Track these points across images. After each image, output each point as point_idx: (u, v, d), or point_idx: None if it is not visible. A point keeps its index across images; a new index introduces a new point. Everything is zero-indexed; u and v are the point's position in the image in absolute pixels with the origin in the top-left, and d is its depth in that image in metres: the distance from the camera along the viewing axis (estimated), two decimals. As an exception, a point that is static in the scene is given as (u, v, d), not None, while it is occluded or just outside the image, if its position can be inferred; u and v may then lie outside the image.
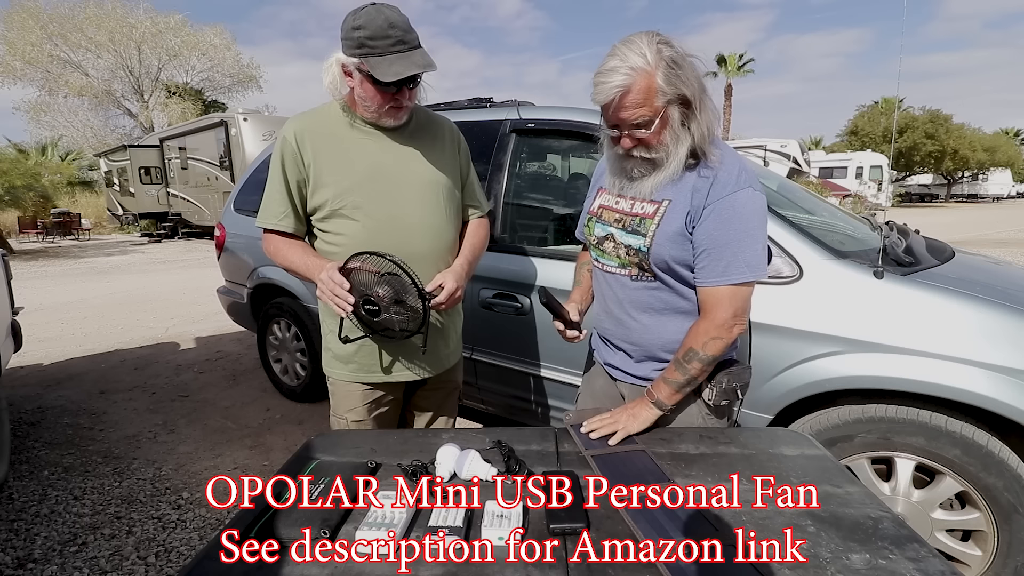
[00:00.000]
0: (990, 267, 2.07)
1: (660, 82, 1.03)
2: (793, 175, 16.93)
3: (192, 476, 2.47)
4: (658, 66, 1.02)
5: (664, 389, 1.15)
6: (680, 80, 1.04)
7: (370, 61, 1.22)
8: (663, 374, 1.17)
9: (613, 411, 1.19)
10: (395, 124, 1.36)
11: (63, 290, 7.49)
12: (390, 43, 1.21)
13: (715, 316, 1.11)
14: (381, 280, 1.27)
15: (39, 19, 18.80)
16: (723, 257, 1.09)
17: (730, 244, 1.08)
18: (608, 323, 1.30)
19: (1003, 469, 1.41)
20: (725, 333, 1.11)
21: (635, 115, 1.05)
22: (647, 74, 1.02)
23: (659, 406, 1.15)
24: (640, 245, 1.15)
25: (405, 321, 1.32)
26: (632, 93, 1.03)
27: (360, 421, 1.50)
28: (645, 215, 1.16)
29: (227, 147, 12.16)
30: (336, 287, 1.26)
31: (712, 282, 1.10)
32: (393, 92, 1.28)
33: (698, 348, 1.12)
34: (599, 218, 1.26)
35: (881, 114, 32.78)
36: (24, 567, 1.87)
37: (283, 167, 1.37)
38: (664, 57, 1.02)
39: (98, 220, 18.37)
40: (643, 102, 1.04)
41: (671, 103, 1.06)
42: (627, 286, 1.22)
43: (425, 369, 1.51)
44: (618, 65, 1.02)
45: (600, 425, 1.14)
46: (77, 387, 3.64)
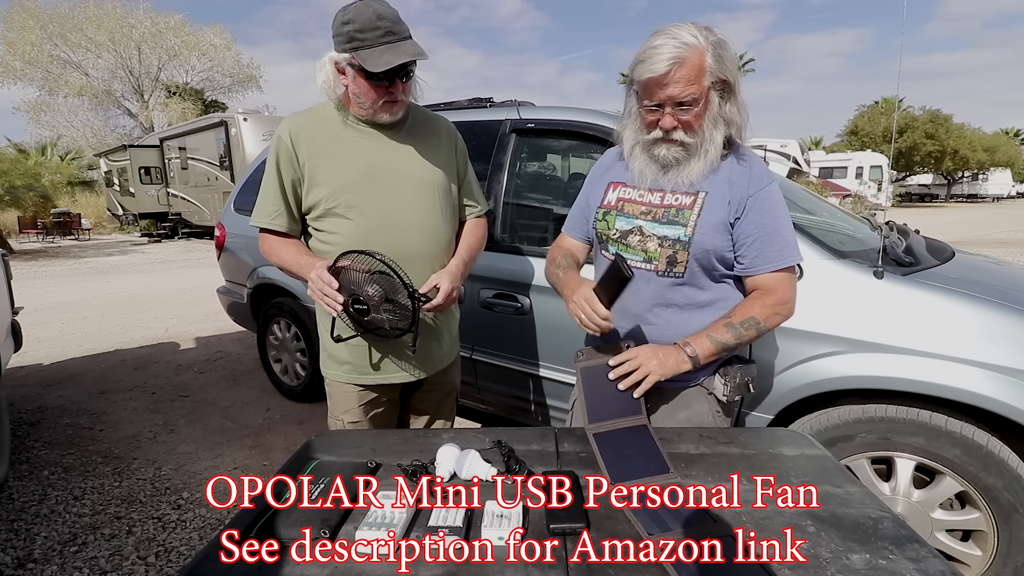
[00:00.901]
0: (990, 267, 2.07)
1: (710, 61, 1.05)
2: (793, 175, 16.95)
3: (192, 476, 2.47)
4: (707, 46, 1.05)
5: (707, 346, 1.13)
6: (725, 64, 1.06)
7: (360, 54, 1.22)
8: (707, 330, 1.14)
9: (635, 349, 1.14)
10: (391, 119, 1.35)
11: (63, 290, 7.49)
12: (379, 34, 1.22)
13: (779, 295, 1.15)
14: (371, 279, 1.26)
15: (39, 19, 18.80)
16: (775, 243, 1.14)
17: (779, 230, 1.14)
18: (622, 321, 1.27)
19: (1003, 469, 1.41)
20: (785, 311, 1.16)
21: (685, 92, 1.06)
22: (699, 51, 1.04)
23: (694, 361, 1.13)
24: (680, 235, 1.15)
25: (395, 320, 1.31)
26: (685, 67, 1.04)
27: (356, 422, 1.50)
28: (683, 206, 1.16)
29: (227, 147, 12.16)
30: (325, 286, 1.25)
31: (770, 267, 1.15)
32: (386, 85, 1.28)
33: (760, 319, 1.14)
34: (620, 211, 1.24)
35: (881, 114, 32.80)
36: (24, 567, 1.87)
37: (278, 166, 1.36)
38: (711, 40, 1.05)
39: (98, 220, 18.37)
40: (694, 79, 1.06)
41: (714, 86, 1.08)
42: (652, 282, 1.21)
43: (419, 370, 1.50)
44: (669, 41, 1.04)
45: (627, 369, 1.11)
46: (77, 387, 3.64)
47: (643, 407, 1.12)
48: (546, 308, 2.09)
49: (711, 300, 1.20)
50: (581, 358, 1.15)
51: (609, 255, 1.28)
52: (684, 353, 1.13)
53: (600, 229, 1.28)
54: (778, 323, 1.17)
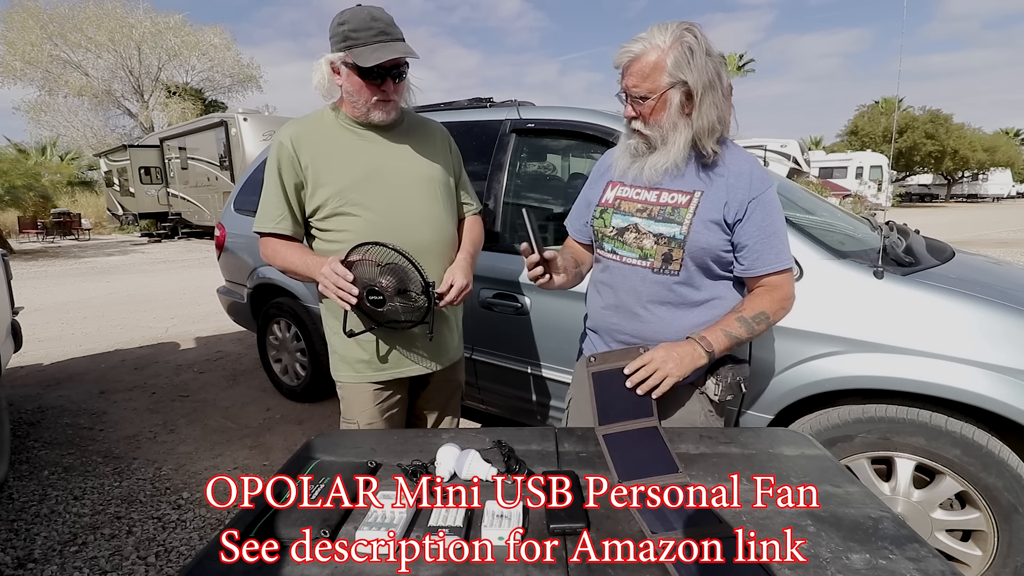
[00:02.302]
0: (990, 267, 2.07)
1: (668, 63, 1.09)
2: (793, 175, 16.94)
3: (192, 476, 2.47)
4: (673, 48, 1.08)
5: (722, 340, 1.16)
6: (689, 68, 1.08)
7: (354, 51, 1.27)
8: (720, 325, 1.17)
9: (649, 352, 1.14)
10: (383, 119, 1.37)
11: (63, 290, 7.49)
12: (372, 33, 1.27)
13: (784, 291, 1.20)
14: (384, 270, 1.28)
15: (39, 19, 18.79)
16: (774, 245, 1.17)
17: (777, 233, 1.18)
18: (616, 317, 1.29)
19: (1003, 469, 1.41)
20: (789, 305, 1.22)
21: (637, 86, 1.12)
22: (660, 52, 1.09)
23: (710, 356, 1.16)
24: (675, 232, 1.17)
25: (410, 311, 1.32)
26: (639, 63, 1.11)
27: (372, 423, 1.51)
28: (678, 204, 1.18)
29: (227, 147, 12.17)
30: (339, 279, 1.26)
31: (769, 269, 1.18)
32: (378, 84, 1.31)
33: (770, 313, 1.18)
34: (617, 209, 1.26)
35: (881, 114, 32.79)
36: (24, 567, 1.87)
37: (279, 171, 1.38)
38: (683, 42, 1.08)
39: (98, 220, 18.38)
40: (647, 75, 1.11)
41: (675, 87, 1.10)
42: (647, 279, 1.22)
43: (432, 362, 1.52)
44: (641, 37, 1.11)
45: (644, 375, 1.11)
46: (77, 387, 3.64)
47: (654, 409, 1.12)
48: (546, 308, 2.09)
49: (705, 299, 1.22)
50: (594, 363, 1.15)
51: (606, 252, 1.30)
52: (700, 348, 1.15)
53: (597, 227, 1.30)
54: (783, 317, 1.21)
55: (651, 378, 1.11)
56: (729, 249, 1.19)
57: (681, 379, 1.13)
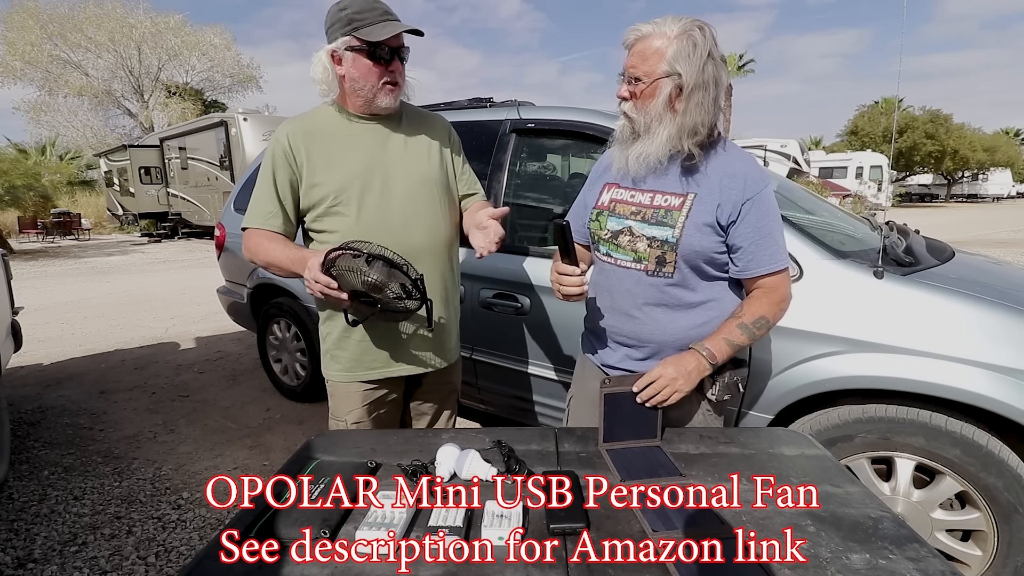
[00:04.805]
0: (990, 267, 2.07)
1: (669, 52, 1.10)
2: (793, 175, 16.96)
3: (192, 476, 2.47)
4: (677, 39, 1.10)
5: (725, 349, 1.16)
6: (686, 62, 1.09)
7: (361, 31, 1.27)
8: (721, 334, 1.17)
9: (657, 368, 1.15)
10: (390, 104, 1.36)
11: (63, 290, 7.49)
12: (377, 14, 1.29)
13: (779, 293, 1.20)
14: (370, 266, 1.22)
15: (39, 19, 18.79)
16: (769, 246, 1.17)
17: (772, 234, 1.17)
18: (613, 319, 1.29)
19: (1003, 469, 1.41)
20: (786, 306, 1.22)
21: (635, 67, 1.14)
22: (665, 39, 1.10)
23: (714, 366, 1.17)
24: (668, 236, 1.17)
25: (402, 300, 1.28)
26: (642, 44, 1.12)
27: (359, 423, 1.49)
28: (671, 207, 1.18)
29: (227, 147, 12.16)
30: (323, 288, 1.20)
31: (765, 270, 1.18)
32: (386, 64, 1.32)
33: (769, 316, 1.18)
34: (612, 212, 1.26)
35: (881, 114, 32.80)
36: (24, 567, 1.87)
37: (274, 168, 1.37)
38: (689, 36, 1.09)
39: (98, 220, 18.36)
40: (646, 58, 1.12)
41: (669, 77, 1.11)
42: (641, 281, 1.22)
43: (425, 363, 1.50)
44: (655, 21, 1.13)
45: (653, 392, 1.13)
46: (77, 387, 3.64)
47: (658, 431, 1.14)
48: (546, 308, 2.09)
49: (701, 300, 1.22)
50: (607, 385, 1.17)
51: (601, 255, 1.30)
52: (704, 360, 1.16)
53: (593, 229, 1.31)
54: (781, 318, 1.21)
55: (661, 393, 1.13)
56: (723, 251, 1.19)
57: (689, 391, 1.15)
